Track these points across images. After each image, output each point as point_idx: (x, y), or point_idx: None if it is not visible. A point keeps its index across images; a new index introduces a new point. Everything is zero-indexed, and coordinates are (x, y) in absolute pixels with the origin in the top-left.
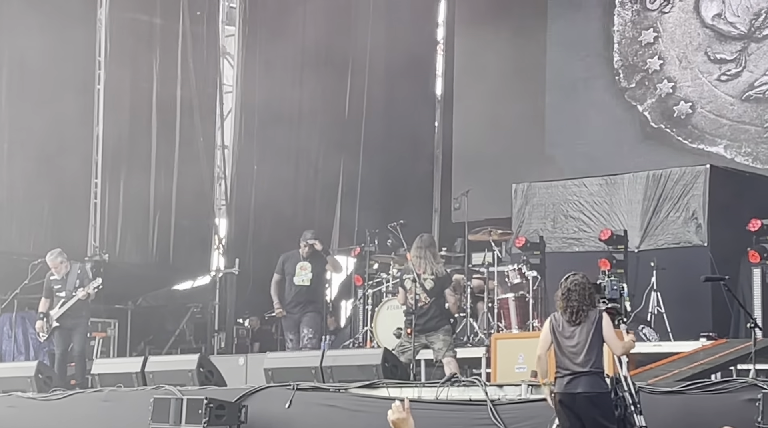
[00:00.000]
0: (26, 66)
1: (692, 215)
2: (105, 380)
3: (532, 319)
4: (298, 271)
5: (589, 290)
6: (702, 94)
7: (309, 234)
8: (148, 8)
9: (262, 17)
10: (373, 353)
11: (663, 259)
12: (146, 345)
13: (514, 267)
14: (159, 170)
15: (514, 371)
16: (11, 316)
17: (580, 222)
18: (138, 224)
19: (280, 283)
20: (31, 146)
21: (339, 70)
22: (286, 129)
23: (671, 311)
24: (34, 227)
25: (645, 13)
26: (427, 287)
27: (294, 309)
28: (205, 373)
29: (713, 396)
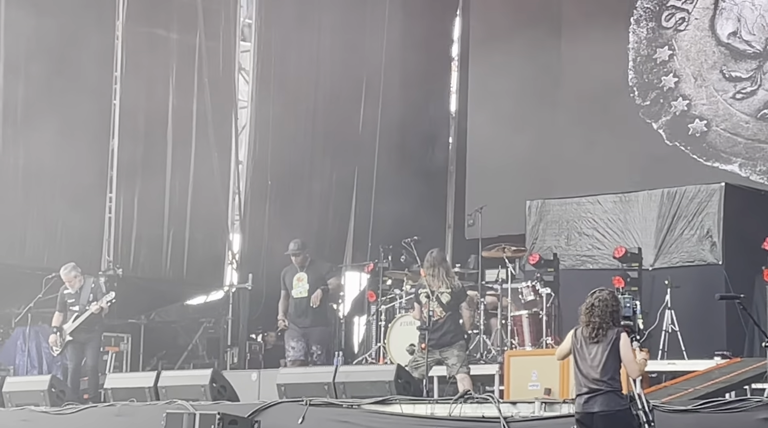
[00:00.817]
0: (42, 79)
1: (707, 233)
2: (118, 394)
3: (545, 336)
4: (296, 283)
5: (612, 307)
6: (717, 112)
7: (292, 245)
8: (165, 23)
9: (277, 34)
10: (386, 369)
11: (677, 277)
12: (159, 359)
13: (527, 284)
14: (173, 184)
15: (528, 388)
16: (25, 330)
17: (594, 239)
18: (152, 238)
19: (286, 298)
20: (45, 160)
21: (353, 86)
22: (300, 145)
23: (685, 330)
24: (48, 240)
25: (660, 31)
26: (444, 301)
27: (298, 320)
28: (218, 388)
29: (728, 415)
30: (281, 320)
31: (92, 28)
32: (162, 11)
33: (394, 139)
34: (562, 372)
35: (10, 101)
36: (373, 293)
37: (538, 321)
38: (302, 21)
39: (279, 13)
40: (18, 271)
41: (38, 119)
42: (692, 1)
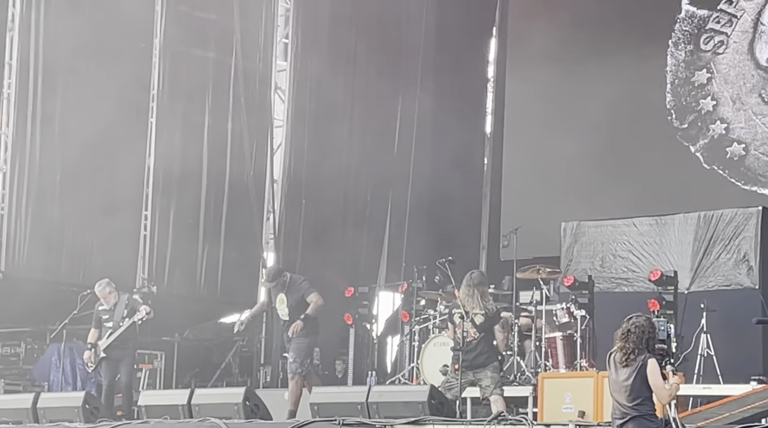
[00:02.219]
0: (80, 98)
1: (743, 257)
2: (151, 411)
3: (579, 359)
4: (278, 305)
5: (648, 334)
6: (755, 135)
7: (264, 276)
8: (202, 42)
9: (313, 53)
10: (419, 389)
11: (713, 301)
12: (192, 377)
13: (562, 306)
14: (209, 202)
15: (562, 411)
16: (60, 347)
17: (629, 262)
18: (186, 256)
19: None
20: (82, 177)
21: (389, 107)
22: (335, 164)
23: (721, 354)
24: (84, 257)
25: (698, 54)
26: (477, 323)
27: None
28: (251, 406)
29: None
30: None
31: (131, 45)
32: (199, 31)
33: (429, 159)
34: (597, 395)
35: (47, 118)
36: (406, 314)
37: (572, 343)
38: (338, 41)
39: (315, 33)
40: (54, 288)
41: (75, 137)
42: (731, 25)
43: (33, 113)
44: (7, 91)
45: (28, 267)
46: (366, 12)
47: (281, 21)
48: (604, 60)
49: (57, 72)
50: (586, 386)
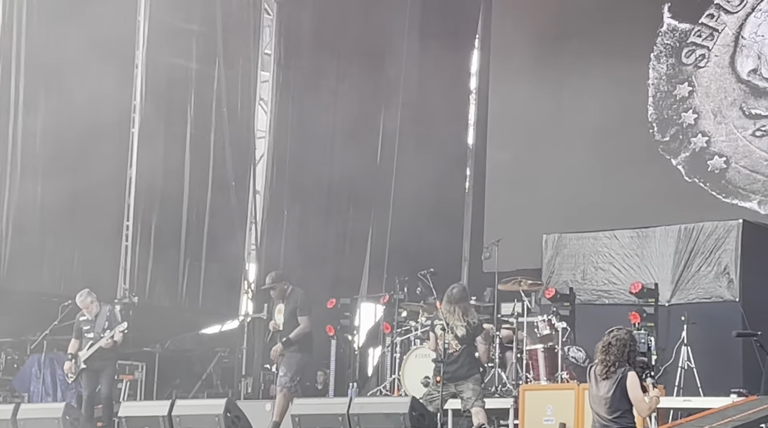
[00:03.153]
0: (61, 108)
1: (724, 269)
2: (132, 423)
3: (561, 371)
4: (276, 315)
5: (629, 347)
6: (736, 149)
7: (267, 279)
8: (185, 53)
9: (296, 65)
10: (400, 401)
11: (694, 313)
12: (173, 388)
13: (543, 318)
14: (191, 213)
15: (543, 423)
16: (40, 357)
17: (610, 274)
18: (168, 267)
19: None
20: (63, 188)
21: (371, 118)
22: (317, 175)
23: (701, 366)
24: (65, 268)
25: (680, 68)
26: (459, 335)
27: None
28: (232, 418)
29: None
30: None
31: (114, 56)
32: (182, 40)
33: (411, 170)
34: (577, 407)
35: (28, 130)
36: (388, 325)
37: (553, 355)
38: (321, 52)
39: (298, 45)
40: (34, 298)
41: (56, 148)
42: (713, 39)
43: (14, 125)
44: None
45: (9, 278)
46: (348, 24)
47: (264, 33)
48: (587, 73)
49: (38, 82)
50: (567, 398)
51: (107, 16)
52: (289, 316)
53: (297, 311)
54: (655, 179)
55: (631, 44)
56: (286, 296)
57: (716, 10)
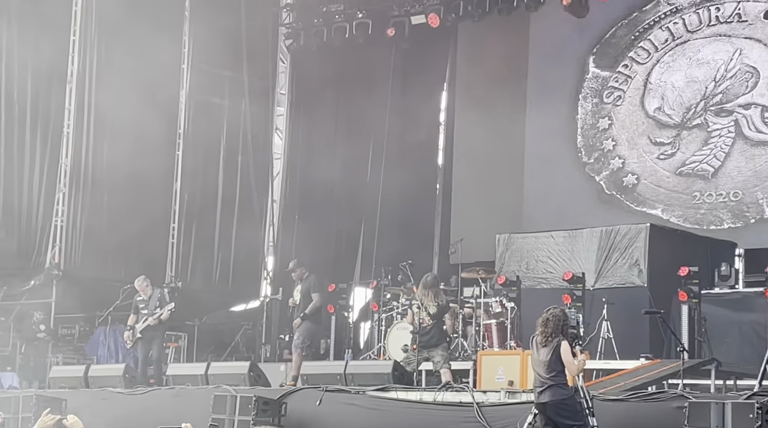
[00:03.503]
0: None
1: (635, 262)
2: (176, 380)
3: (509, 340)
4: (295, 294)
5: (562, 321)
6: (645, 169)
7: (290, 264)
8: (218, 92)
9: (305, 101)
10: (385, 364)
11: (612, 296)
12: (209, 353)
13: (496, 300)
14: (223, 217)
15: (495, 380)
16: (105, 329)
17: (548, 265)
18: (205, 259)
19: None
20: (125, 196)
21: (363, 143)
22: (321, 187)
23: (618, 337)
24: (125, 260)
25: (602, 106)
26: (431, 312)
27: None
28: (255, 376)
29: (650, 404)
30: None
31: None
32: (216, 83)
33: (394, 184)
34: (522, 368)
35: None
36: (376, 305)
37: (504, 328)
38: (323, 93)
39: (306, 86)
40: (101, 283)
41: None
42: (627, 83)
43: (86, 147)
44: (66, 130)
45: (82, 267)
46: (346, 71)
47: (280, 77)
48: (530, 108)
49: (105, 115)
50: (515, 361)
51: (159, 65)
52: (305, 294)
53: (311, 290)
54: (582, 191)
55: (564, 86)
56: (303, 278)
57: (630, 61)
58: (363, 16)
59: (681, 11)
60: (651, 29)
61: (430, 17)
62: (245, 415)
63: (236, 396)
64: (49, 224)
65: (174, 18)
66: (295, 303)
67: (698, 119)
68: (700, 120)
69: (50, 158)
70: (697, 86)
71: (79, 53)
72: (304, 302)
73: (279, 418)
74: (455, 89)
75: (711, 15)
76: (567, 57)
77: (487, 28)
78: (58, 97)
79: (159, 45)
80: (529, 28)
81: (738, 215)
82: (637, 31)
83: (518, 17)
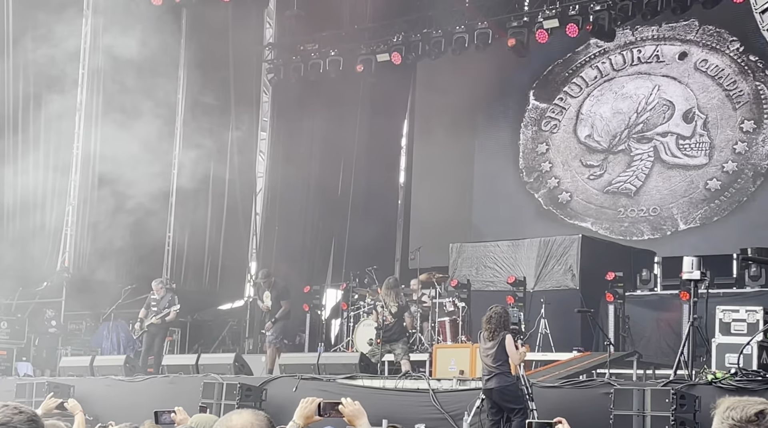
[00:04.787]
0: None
1: (569, 268)
2: (171, 369)
3: (461, 335)
4: (265, 299)
5: (504, 318)
6: (577, 187)
7: (260, 274)
8: (209, 119)
9: (284, 127)
10: (353, 356)
11: (549, 297)
12: (199, 346)
13: (449, 300)
14: (212, 227)
15: (448, 370)
16: (109, 324)
17: (494, 271)
18: (196, 263)
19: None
20: (127, 209)
21: (335, 164)
22: (298, 203)
23: (554, 332)
24: (125, 264)
25: (540, 133)
26: (393, 311)
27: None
28: (239, 366)
29: (581, 391)
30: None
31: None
32: (207, 111)
33: (361, 199)
34: (472, 360)
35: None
36: (345, 304)
37: (456, 325)
38: (301, 119)
39: (286, 114)
40: (105, 284)
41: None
42: (562, 114)
43: (93, 166)
44: (75, 152)
45: (88, 270)
46: (320, 101)
47: (263, 106)
48: (478, 135)
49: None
50: (465, 354)
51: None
52: (275, 300)
53: (280, 297)
54: (523, 207)
55: (508, 116)
56: (272, 285)
57: (564, 95)
58: (335, 54)
59: (608, 53)
60: (583, 67)
61: (393, 55)
62: (231, 400)
63: (223, 383)
64: (59, 234)
65: (171, 55)
66: (268, 308)
67: (623, 145)
68: (624, 146)
69: (61, 175)
70: (622, 117)
71: (87, 85)
72: (275, 307)
73: (260, 403)
74: (415, 117)
75: (633, 56)
76: (511, 91)
77: (442, 65)
78: (68, 125)
79: (157, 79)
80: (478, 65)
81: (656, 228)
82: (571, 69)
83: (469, 56)
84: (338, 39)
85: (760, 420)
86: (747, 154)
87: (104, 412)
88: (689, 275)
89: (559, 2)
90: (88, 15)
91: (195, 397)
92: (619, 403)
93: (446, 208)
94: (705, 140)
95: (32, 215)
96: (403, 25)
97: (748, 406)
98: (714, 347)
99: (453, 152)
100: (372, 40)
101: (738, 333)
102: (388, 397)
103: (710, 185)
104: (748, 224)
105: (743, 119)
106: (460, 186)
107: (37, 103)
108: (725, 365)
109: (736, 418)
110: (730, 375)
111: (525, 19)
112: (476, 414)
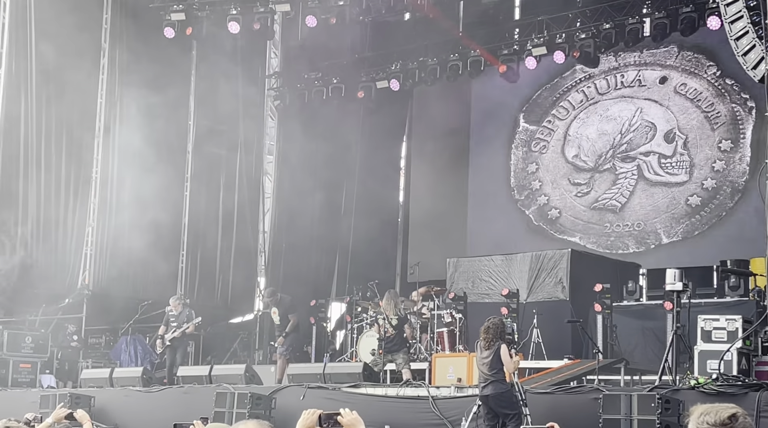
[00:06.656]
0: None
1: (559, 280)
2: (185, 380)
3: (458, 345)
4: (273, 315)
5: (500, 328)
6: (565, 204)
7: (266, 293)
8: (219, 143)
9: (290, 150)
10: (356, 365)
11: (541, 308)
12: (212, 358)
13: (447, 311)
14: (223, 245)
15: (447, 378)
16: (127, 338)
17: (489, 284)
18: (209, 280)
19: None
20: (143, 229)
21: (337, 184)
22: (304, 221)
23: (546, 341)
24: (143, 281)
25: (530, 154)
26: (393, 323)
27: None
28: (250, 376)
29: (572, 396)
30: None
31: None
32: (216, 136)
33: (363, 217)
34: (469, 368)
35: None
36: (349, 316)
37: (453, 335)
38: (306, 145)
39: (291, 139)
40: (123, 301)
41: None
42: (551, 135)
43: (111, 190)
44: (94, 175)
45: (108, 286)
46: (323, 126)
47: (270, 130)
48: (472, 156)
49: (126, 163)
50: (462, 362)
51: (172, 122)
52: (283, 315)
53: (287, 312)
54: (515, 223)
55: (500, 138)
56: (278, 302)
57: (552, 117)
58: (337, 82)
59: (593, 77)
60: (569, 92)
61: (392, 83)
62: (242, 409)
63: (234, 393)
64: (80, 253)
65: (183, 84)
66: (277, 323)
67: (608, 164)
68: (609, 165)
69: (81, 198)
70: (607, 138)
71: (105, 111)
72: (283, 322)
73: (270, 411)
74: (412, 140)
75: (617, 80)
76: (502, 114)
77: (437, 91)
78: (88, 150)
79: (171, 105)
80: (471, 91)
81: (641, 242)
82: (558, 93)
83: (462, 82)
84: (340, 68)
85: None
86: (725, 171)
87: (123, 421)
88: (672, 286)
89: (547, 31)
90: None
91: (208, 406)
92: (607, 408)
93: (443, 225)
94: (685, 158)
95: (53, 235)
96: (401, 53)
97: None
98: (696, 354)
99: (448, 172)
100: (371, 69)
101: (719, 340)
102: (390, 404)
103: (691, 201)
104: (727, 238)
105: (721, 138)
106: (455, 204)
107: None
108: (707, 371)
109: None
110: (711, 380)
111: (515, 47)
112: (473, 419)
